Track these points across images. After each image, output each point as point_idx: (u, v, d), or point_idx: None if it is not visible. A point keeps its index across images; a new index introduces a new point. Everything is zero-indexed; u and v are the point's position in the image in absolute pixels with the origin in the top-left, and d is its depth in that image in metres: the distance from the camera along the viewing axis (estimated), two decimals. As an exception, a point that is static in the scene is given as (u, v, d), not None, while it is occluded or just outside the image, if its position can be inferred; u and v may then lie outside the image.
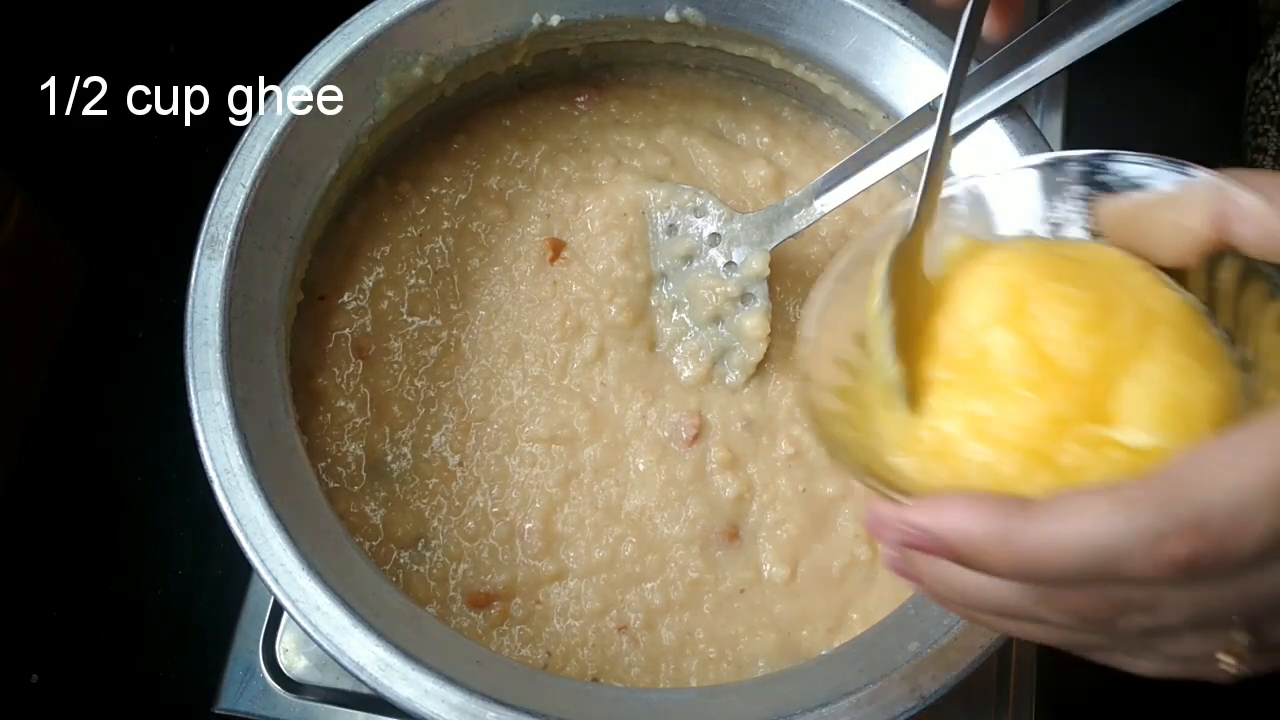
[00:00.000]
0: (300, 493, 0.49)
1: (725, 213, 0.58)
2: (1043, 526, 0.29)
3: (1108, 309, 0.35)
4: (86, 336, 0.71)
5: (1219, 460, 0.29)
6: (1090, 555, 0.29)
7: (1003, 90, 0.53)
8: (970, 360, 0.37)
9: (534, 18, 0.57)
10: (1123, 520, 0.28)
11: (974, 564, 0.30)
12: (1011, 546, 0.29)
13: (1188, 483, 0.28)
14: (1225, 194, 0.34)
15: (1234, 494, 0.28)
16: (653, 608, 0.53)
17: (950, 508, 0.30)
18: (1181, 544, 0.28)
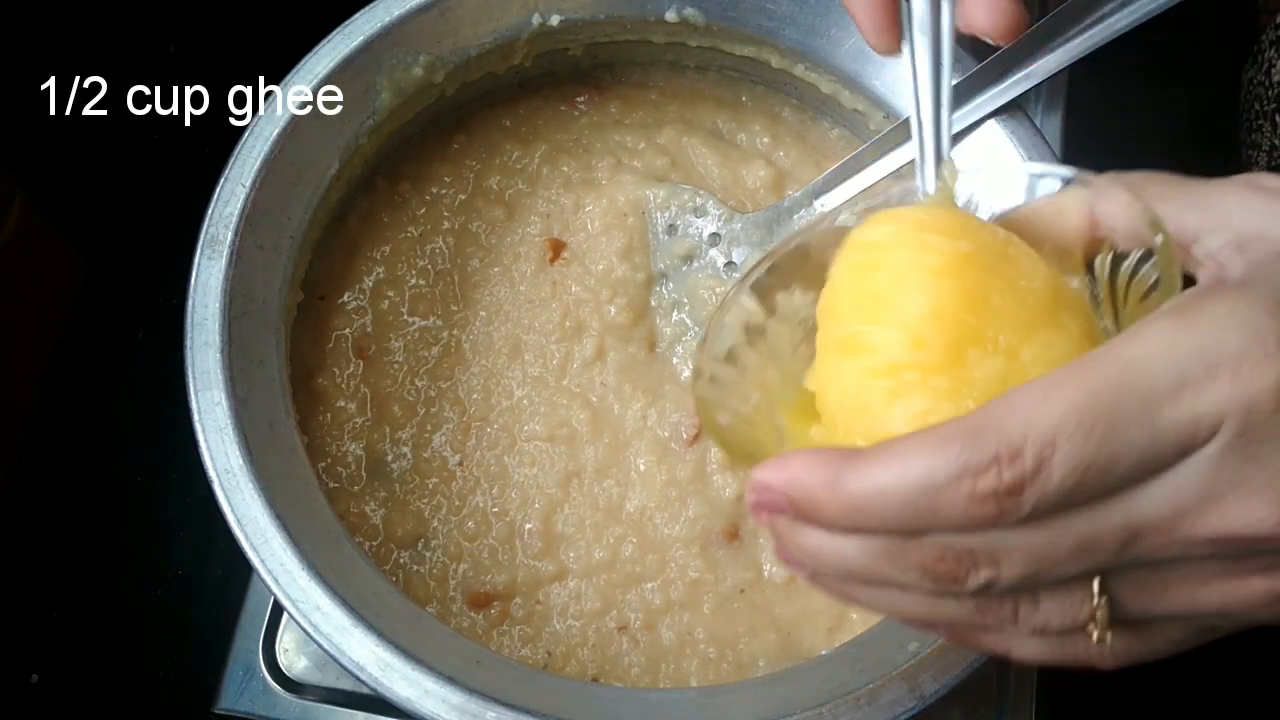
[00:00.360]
0: (300, 493, 0.49)
1: (725, 213, 0.58)
2: (866, 470, 0.29)
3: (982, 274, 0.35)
4: (86, 336, 0.71)
5: (1029, 394, 0.29)
6: (909, 494, 0.29)
7: (1003, 90, 0.53)
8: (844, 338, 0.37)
9: (534, 18, 0.57)
10: (937, 457, 0.28)
11: (812, 516, 0.31)
12: (839, 492, 0.30)
13: (998, 417, 0.29)
14: (1097, 191, 0.36)
15: (1040, 423, 0.28)
16: (653, 608, 0.53)
17: (789, 460, 0.31)
18: (993, 475, 0.28)
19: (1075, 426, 0.28)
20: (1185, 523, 0.29)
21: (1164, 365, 0.28)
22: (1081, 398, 0.28)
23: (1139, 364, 0.28)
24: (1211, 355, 0.28)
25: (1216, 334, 0.28)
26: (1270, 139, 0.65)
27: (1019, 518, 0.29)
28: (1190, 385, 0.28)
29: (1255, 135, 0.67)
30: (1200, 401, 0.28)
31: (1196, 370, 0.28)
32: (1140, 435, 0.28)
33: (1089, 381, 0.28)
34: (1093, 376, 0.29)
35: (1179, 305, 0.30)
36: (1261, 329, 0.28)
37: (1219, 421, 0.28)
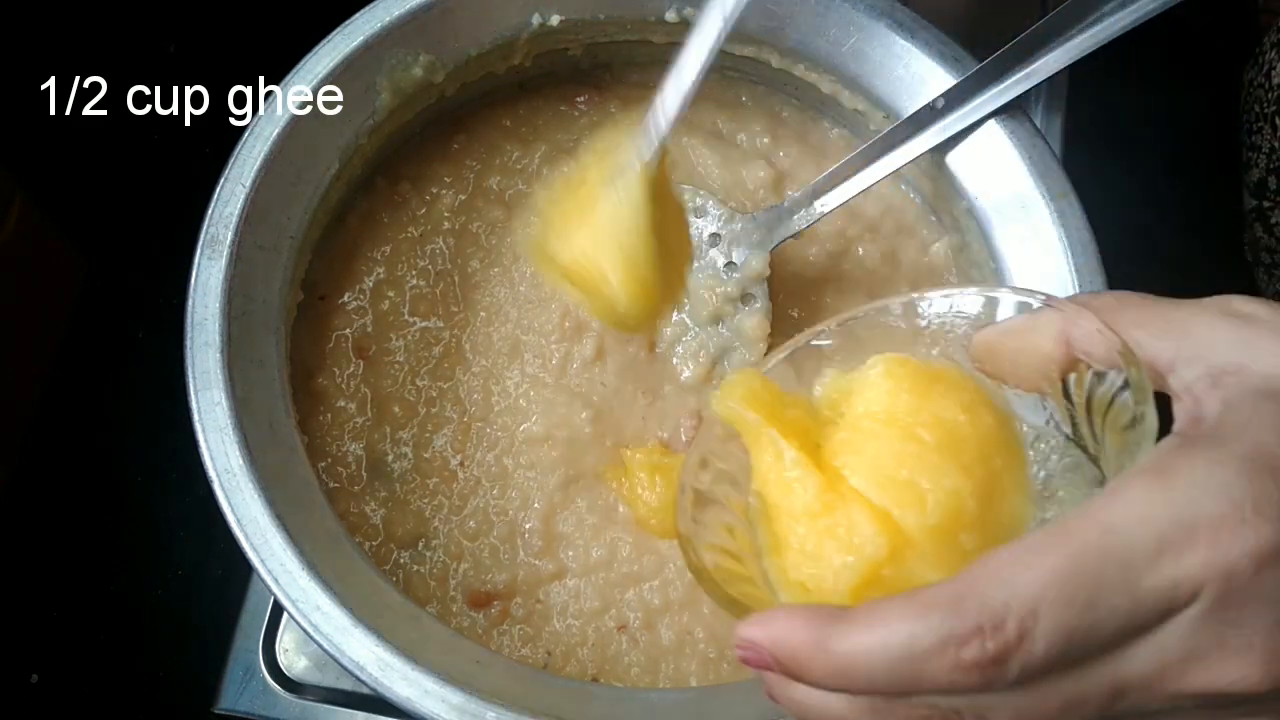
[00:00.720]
0: (300, 493, 0.49)
1: (725, 213, 0.58)
2: (851, 633, 0.30)
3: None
4: (86, 336, 0.71)
5: (1011, 560, 0.29)
6: (893, 660, 0.29)
7: (1003, 90, 0.53)
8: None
9: (534, 18, 0.57)
10: (919, 624, 0.29)
11: (798, 675, 0.31)
12: (823, 655, 0.30)
13: (979, 584, 0.29)
14: (1068, 317, 0.36)
15: (1022, 592, 0.28)
16: (652, 607, 0.53)
17: (774, 619, 0.31)
18: (977, 646, 0.28)
19: (1057, 595, 0.28)
20: (1169, 680, 0.29)
21: (1143, 531, 0.28)
22: (1062, 565, 0.28)
23: (1118, 530, 0.29)
24: (1189, 521, 0.28)
25: (1193, 499, 0.28)
26: (1270, 141, 0.65)
27: (1003, 686, 0.29)
28: (1169, 552, 0.28)
29: (1255, 138, 0.67)
30: (1180, 567, 0.28)
31: (1175, 536, 0.28)
32: (1122, 602, 0.28)
33: (1069, 548, 0.28)
34: (1073, 542, 0.29)
35: (1156, 464, 0.30)
36: (1237, 493, 0.28)
37: (1199, 587, 0.28)
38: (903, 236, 0.61)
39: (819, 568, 0.36)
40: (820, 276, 0.59)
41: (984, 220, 0.55)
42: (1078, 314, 0.36)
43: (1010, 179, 0.54)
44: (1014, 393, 0.39)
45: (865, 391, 0.38)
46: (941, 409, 0.37)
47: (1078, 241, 0.52)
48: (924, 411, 0.37)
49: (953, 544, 0.35)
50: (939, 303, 0.40)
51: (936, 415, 0.36)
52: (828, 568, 0.36)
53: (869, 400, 0.38)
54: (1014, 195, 0.54)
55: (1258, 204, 0.68)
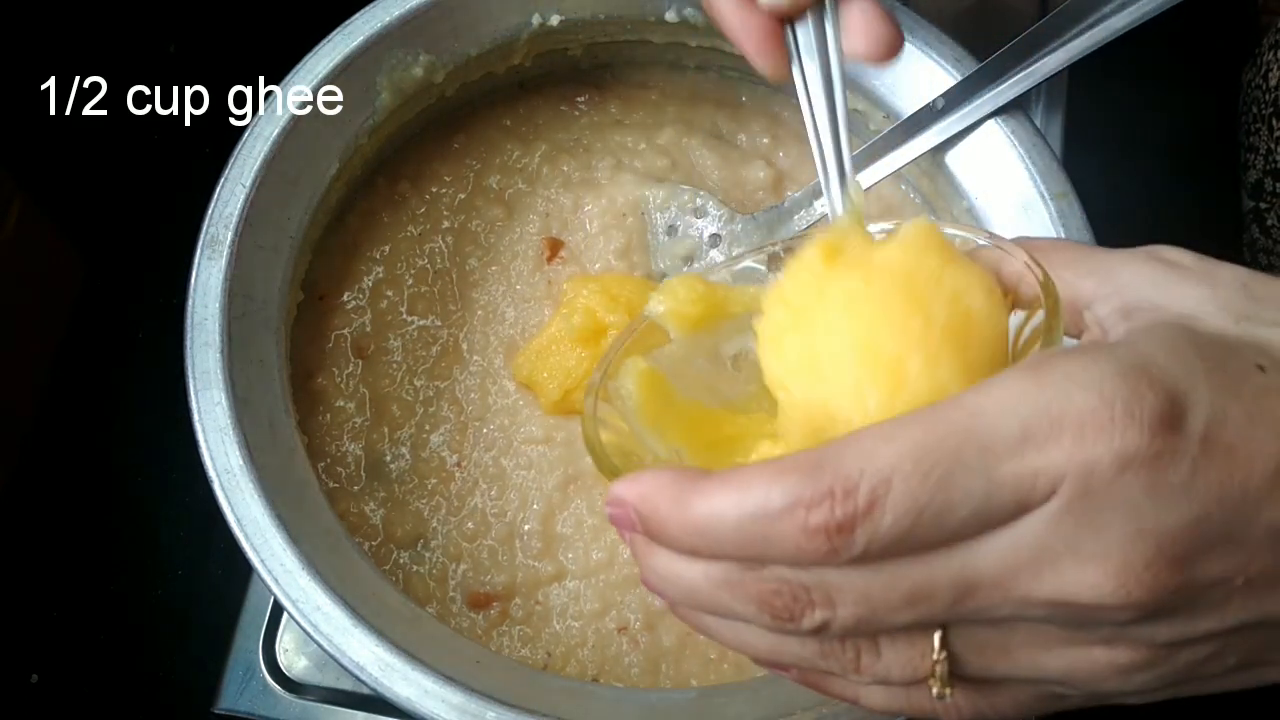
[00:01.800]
0: (300, 493, 0.49)
1: (725, 213, 0.58)
2: (708, 493, 0.29)
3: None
4: (86, 336, 0.71)
5: (873, 434, 0.28)
6: (744, 520, 0.29)
7: (1003, 90, 0.53)
8: None
9: (534, 18, 0.57)
10: (775, 486, 0.28)
11: (657, 534, 0.31)
12: (681, 512, 0.30)
13: (839, 452, 0.28)
14: (1002, 254, 0.36)
15: (879, 462, 0.28)
16: (652, 609, 0.53)
17: (643, 476, 0.31)
18: (825, 510, 0.28)
19: (912, 468, 0.28)
20: (1020, 582, 0.28)
21: (1008, 418, 0.28)
22: (922, 439, 0.28)
23: (984, 413, 0.28)
24: (1056, 413, 0.28)
25: (1064, 392, 0.28)
26: (1267, 142, 0.65)
27: (850, 556, 0.28)
28: (1032, 441, 0.27)
29: (1252, 139, 0.67)
30: (1040, 459, 0.27)
31: (1040, 426, 0.27)
32: (977, 485, 0.28)
33: (933, 427, 0.28)
34: (937, 421, 0.28)
35: (1034, 361, 0.29)
36: (1109, 391, 0.27)
37: (1058, 481, 0.27)
38: (903, 236, 0.61)
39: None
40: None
41: (984, 220, 0.55)
42: (1011, 250, 0.36)
43: (1010, 179, 0.54)
44: None
45: (888, 245, 0.36)
46: (964, 287, 0.34)
47: (1078, 242, 0.52)
48: (945, 284, 0.34)
49: None
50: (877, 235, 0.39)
51: (956, 292, 0.34)
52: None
53: (890, 254, 0.35)
54: (1014, 195, 0.54)
55: (1255, 205, 0.68)
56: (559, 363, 0.55)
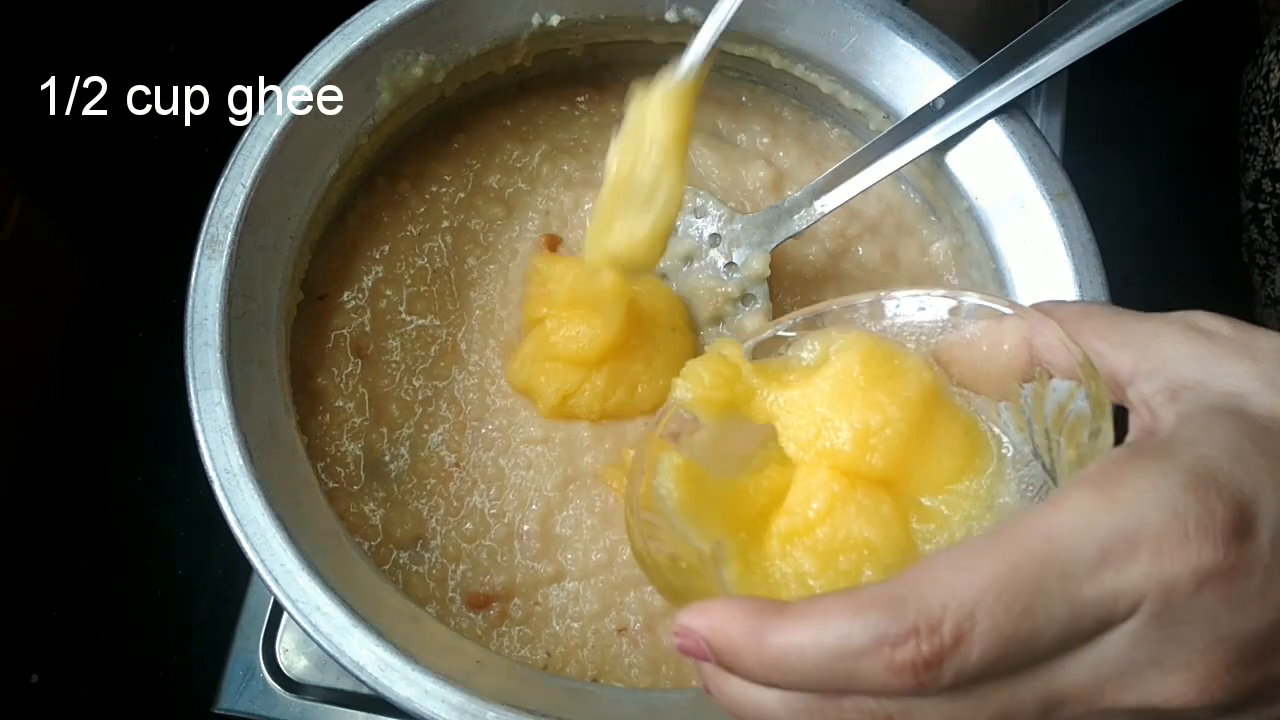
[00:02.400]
0: (300, 493, 0.49)
1: (725, 213, 0.58)
2: (787, 627, 0.29)
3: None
4: (86, 336, 0.71)
5: (951, 564, 0.29)
6: (827, 657, 0.29)
7: (1003, 90, 0.53)
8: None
9: (534, 18, 0.57)
10: (856, 622, 0.28)
11: (732, 666, 0.31)
12: (759, 647, 0.30)
13: (919, 586, 0.28)
14: (1032, 325, 0.36)
15: (962, 596, 0.28)
16: (653, 610, 0.53)
17: (713, 607, 0.31)
18: (911, 647, 0.28)
19: (995, 600, 0.28)
20: (1106, 694, 0.29)
21: (1085, 541, 0.28)
22: (1002, 570, 0.28)
23: (1060, 537, 0.28)
24: (1131, 533, 0.28)
25: (1137, 512, 0.28)
26: (1266, 143, 0.65)
27: (937, 690, 0.28)
28: (1111, 563, 0.28)
29: (1252, 139, 0.67)
30: (1120, 579, 0.28)
31: (1118, 548, 0.28)
32: (1060, 610, 0.28)
33: (1010, 554, 0.28)
34: (1014, 548, 0.28)
35: (1103, 473, 0.29)
36: (1181, 508, 0.28)
37: (1139, 600, 0.28)
38: (903, 236, 0.61)
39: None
40: (820, 276, 0.59)
41: (984, 220, 0.55)
42: (1041, 323, 0.36)
43: (1010, 179, 0.54)
44: (982, 401, 0.39)
45: (822, 365, 0.39)
46: (910, 370, 0.38)
47: (1078, 241, 0.52)
48: (894, 373, 0.38)
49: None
50: (906, 303, 0.41)
51: (904, 378, 0.38)
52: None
53: (823, 372, 0.39)
54: (1014, 195, 0.54)
55: (1253, 206, 0.68)
56: (553, 368, 0.55)
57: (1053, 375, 0.36)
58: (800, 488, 0.38)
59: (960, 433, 0.38)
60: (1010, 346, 0.37)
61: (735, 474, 0.40)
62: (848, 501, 0.37)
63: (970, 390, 0.39)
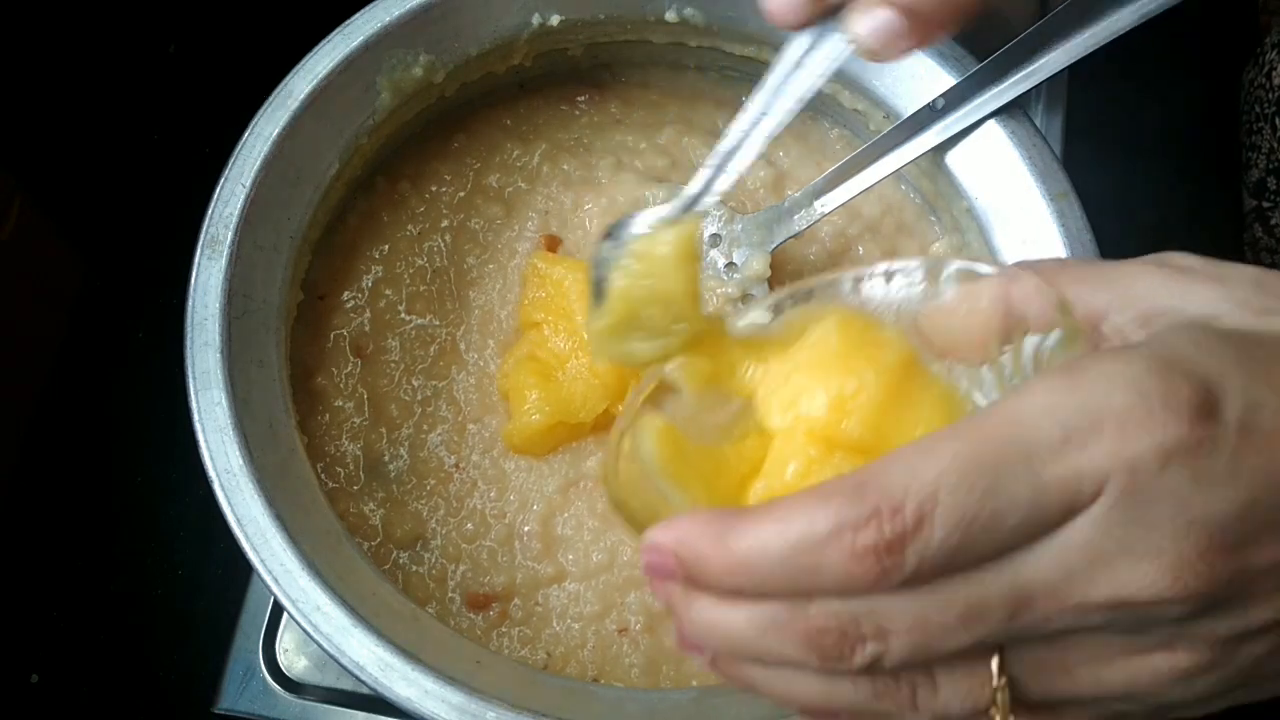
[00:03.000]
0: (300, 493, 0.49)
1: (725, 213, 0.58)
2: (750, 526, 0.29)
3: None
4: (86, 336, 0.71)
5: (912, 450, 0.28)
6: (790, 550, 0.28)
7: (1003, 90, 0.53)
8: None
9: (534, 18, 0.57)
10: (818, 512, 0.28)
11: (699, 578, 0.30)
12: (724, 549, 0.29)
13: (880, 472, 0.28)
14: (1009, 278, 0.35)
15: (923, 477, 0.27)
16: (654, 611, 0.53)
17: (679, 520, 0.31)
18: (873, 530, 0.27)
19: (957, 481, 0.27)
20: (1075, 587, 0.28)
21: (1048, 421, 0.28)
22: (964, 451, 0.28)
23: (1023, 419, 0.28)
24: (1096, 412, 0.27)
25: (1102, 391, 0.28)
26: (1269, 141, 0.65)
27: (901, 578, 0.28)
28: (1074, 442, 0.27)
29: (1255, 138, 0.67)
30: (1084, 458, 0.27)
31: (1080, 426, 0.27)
32: (1024, 491, 0.27)
33: (972, 437, 0.28)
34: (976, 432, 0.28)
35: (1067, 364, 0.29)
36: (1146, 386, 0.27)
37: (1103, 480, 0.27)
38: (903, 236, 0.61)
39: None
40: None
41: (984, 220, 0.55)
42: (1017, 274, 0.35)
43: (1010, 179, 0.54)
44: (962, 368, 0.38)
45: (801, 335, 0.39)
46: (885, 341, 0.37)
47: (1078, 241, 0.52)
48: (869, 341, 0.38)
49: None
50: (888, 277, 0.40)
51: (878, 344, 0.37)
52: None
53: (801, 342, 0.39)
54: (1014, 195, 0.54)
55: (1257, 204, 0.68)
56: (544, 400, 0.54)
57: (1029, 331, 0.35)
58: (777, 453, 0.38)
59: (939, 401, 0.38)
60: (988, 303, 0.36)
61: (716, 443, 0.40)
62: (824, 466, 0.36)
63: (952, 358, 0.38)
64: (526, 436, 0.54)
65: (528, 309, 0.57)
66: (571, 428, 0.55)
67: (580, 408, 0.54)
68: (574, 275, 0.55)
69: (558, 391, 0.54)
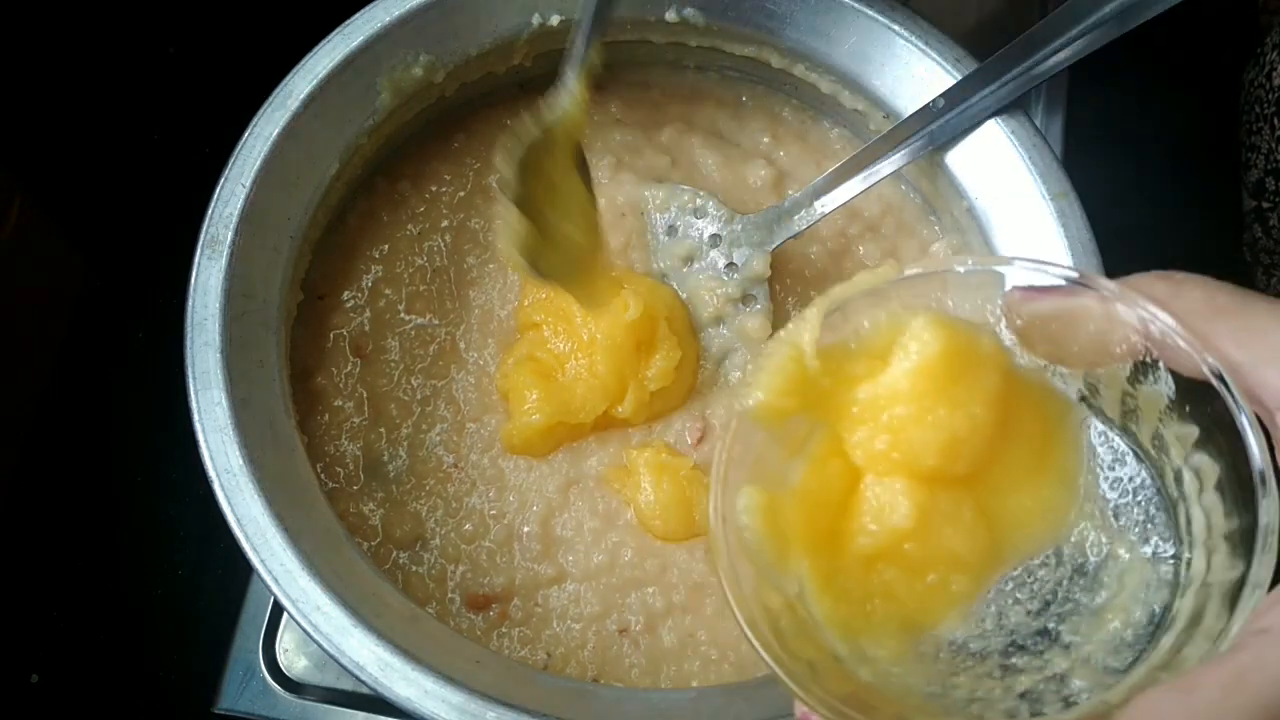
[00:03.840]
0: (300, 493, 0.49)
1: (726, 214, 0.58)
2: None
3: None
4: (86, 336, 0.71)
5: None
6: None
7: (1003, 90, 0.53)
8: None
9: (534, 18, 0.57)
10: None
11: None
12: None
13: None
14: (1161, 323, 0.33)
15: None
16: (654, 611, 0.53)
17: None
18: None
19: None
20: None
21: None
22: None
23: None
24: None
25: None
26: (1269, 142, 0.65)
27: None
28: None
29: (1254, 138, 0.67)
30: None
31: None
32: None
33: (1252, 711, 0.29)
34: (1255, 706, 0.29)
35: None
36: None
37: None
38: (903, 236, 0.61)
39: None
40: (821, 276, 0.59)
41: (984, 220, 0.55)
42: (1173, 330, 0.33)
43: (1010, 179, 0.54)
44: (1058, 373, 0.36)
45: (891, 353, 0.36)
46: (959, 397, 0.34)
47: (1078, 241, 0.52)
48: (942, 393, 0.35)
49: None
50: (984, 273, 0.37)
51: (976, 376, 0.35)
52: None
53: (895, 366, 0.35)
54: (1014, 195, 0.54)
55: (1256, 204, 0.68)
56: (544, 401, 0.54)
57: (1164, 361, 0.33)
58: (877, 500, 0.35)
59: (1038, 416, 0.35)
60: (1109, 324, 0.34)
61: (793, 473, 0.37)
62: (931, 513, 0.34)
63: (1052, 362, 0.36)
64: (526, 437, 0.54)
65: (527, 310, 0.57)
66: (571, 428, 0.55)
67: (580, 408, 0.54)
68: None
69: (557, 392, 0.54)
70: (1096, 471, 0.35)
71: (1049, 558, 0.35)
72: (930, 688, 0.34)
